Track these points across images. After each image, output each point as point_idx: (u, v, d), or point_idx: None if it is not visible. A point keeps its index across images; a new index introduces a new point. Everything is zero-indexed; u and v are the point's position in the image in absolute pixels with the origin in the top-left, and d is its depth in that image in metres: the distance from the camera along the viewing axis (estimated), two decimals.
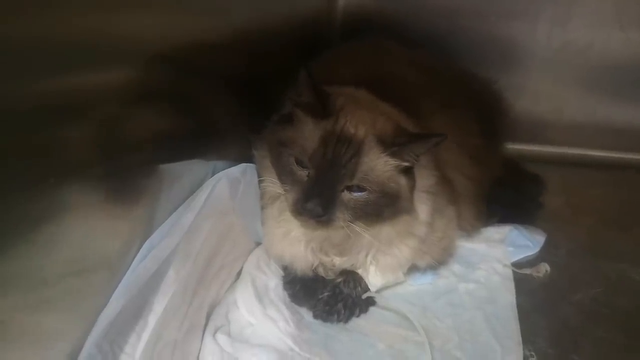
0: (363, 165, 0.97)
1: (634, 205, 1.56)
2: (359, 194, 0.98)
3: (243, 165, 1.08)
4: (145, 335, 0.83)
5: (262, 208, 1.15)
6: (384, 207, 1.01)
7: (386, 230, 1.08)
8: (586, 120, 1.76)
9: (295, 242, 1.14)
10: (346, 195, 0.98)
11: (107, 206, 0.78)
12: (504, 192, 1.45)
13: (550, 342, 1.13)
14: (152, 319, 0.84)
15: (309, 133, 0.99)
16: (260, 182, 1.12)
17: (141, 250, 0.85)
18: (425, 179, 1.10)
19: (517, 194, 1.51)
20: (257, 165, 1.13)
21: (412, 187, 1.04)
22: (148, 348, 0.83)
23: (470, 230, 1.32)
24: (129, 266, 0.83)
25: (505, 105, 1.56)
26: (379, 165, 0.99)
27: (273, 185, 1.05)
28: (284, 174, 1.01)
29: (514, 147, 1.67)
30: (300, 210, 0.97)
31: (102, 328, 0.77)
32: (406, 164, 1.01)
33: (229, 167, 1.08)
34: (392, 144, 0.98)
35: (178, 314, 0.92)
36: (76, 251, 0.73)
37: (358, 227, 1.00)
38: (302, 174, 0.99)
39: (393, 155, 0.99)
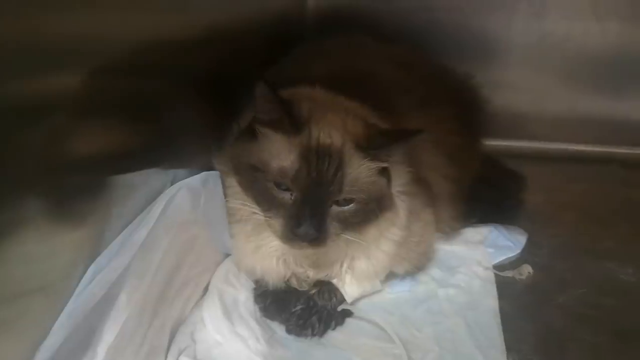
0: (348, 177, 0.93)
1: (618, 201, 1.52)
2: (348, 206, 0.94)
3: (204, 174, 1.01)
4: None
5: (230, 223, 1.09)
6: (371, 211, 0.97)
7: (371, 230, 1.04)
8: (567, 114, 1.73)
9: (267, 256, 1.08)
10: (335, 209, 0.94)
11: (46, 223, 0.70)
12: (483, 190, 1.40)
13: (536, 349, 1.07)
14: (102, 349, 0.76)
15: (282, 151, 0.93)
16: (227, 200, 1.05)
17: (87, 273, 0.77)
18: (398, 177, 1.04)
19: (497, 192, 1.46)
20: (222, 183, 1.06)
21: (389, 182, 1.01)
22: None
23: (448, 231, 1.27)
24: (73, 291, 0.76)
25: (483, 101, 1.51)
26: (362, 173, 0.95)
27: (243, 207, 1.00)
28: (264, 200, 0.95)
29: (493, 143, 1.62)
30: (292, 236, 0.92)
31: None
32: (385, 164, 0.97)
33: (189, 176, 0.99)
34: (370, 148, 0.94)
35: (134, 339, 0.85)
36: (8, 275, 0.65)
37: (349, 236, 0.97)
38: (286, 196, 0.93)
39: (373, 159, 0.95)
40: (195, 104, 1.16)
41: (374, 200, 0.97)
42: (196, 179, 0.98)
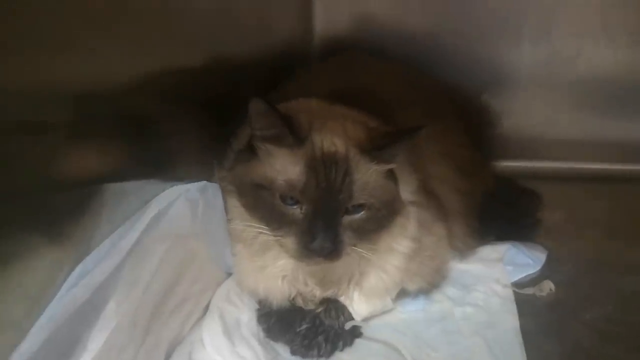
0: (357, 182, 0.89)
1: None
2: (359, 214, 0.90)
3: (203, 183, 0.97)
4: None
5: (233, 242, 1.05)
6: (384, 217, 0.94)
7: (384, 238, 1.00)
8: (581, 133, 1.68)
9: (271, 276, 1.04)
10: (347, 219, 0.90)
11: (29, 223, 0.67)
12: (498, 209, 1.35)
13: None
14: (86, 359, 0.71)
15: (287, 165, 0.90)
16: (229, 220, 1.02)
17: (71, 276, 0.73)
18: (406, 184, 1.00)
19: (513, 211, 1.40)
20: (224, 201, 1.02)
21: (397, 185, 0.97)
22: None
23: (463, 249, 1.21)
24: (55, 295, 0.71)
25: (492, 116, 1.48)
26: (370, 177, 0.91)
27: (249, 228, 0.95)
28: (273, 219, 0.91)
29: (508, 164, 1.59)
30: (307, 252, 0.88)
31: None
32: (391, 166, 0.94)
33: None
34: (374, 149, 0.90)
35: (124, 354, 0.79)
36: None
37: (363, 249, 0.93)
38: (295, 212, 0.89)
39: (379, 161, 0.91)
40: (196, 124, 1.15)
41: (384, 205, 0.93)
42: (193, 188, 0.93)
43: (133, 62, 0.93)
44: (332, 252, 0.88)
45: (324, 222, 0.87)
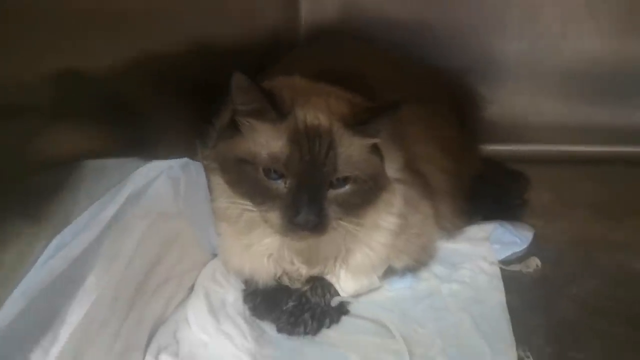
0: (341, 155, 0.89)
1: (627, 198, 1.46)
2: (344, 188, 0.90)
3: (184, 160, 0.96)
4: (55, 351, 0.68)
5: (217, 221, 1.04)
6: (369, 191, 0.93)
7: (370, 214, 0.99)
8: (567, 117, 1.69)
9: (257, 255, 1.03)
10: (332, 193, 0.89)
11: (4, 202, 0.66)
12: (486, 190, 1.36)
13: (547, 340, 0.99)
14: (65, 332, 0.70)
15: (270, 139, 0.89)
16: (213, 199, 1.01)
17: (48, 248, 0.72)
18: (391, 161, 1.00)
19: (501, 192, 1.41)
20: (208, 180, 1.02)
21: (382, 161, 0.97)
22: None
23: (450, 228, 1.21)
24: (32, 267, 0.70)
25: (478, 99, 1.48)
26: (354, 150, 0.91)
27: (233, 205, 0.95)
28: (257, 194, 0.90)
29: (496, 147, 1.59)
30: (291, 226, 0.87)
31: None
32: (375, 140, 0.93)
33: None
34: (358, 123, 0.90)
35: (105, 329, 0.78)
36: None
37: (348, 224, 0.92)
38: (280, 186, 0.88)
39: (363, 135, 0.91)
40: (179, 105, 1.14)
41: (369, 179, 0.92)
42: (176, 163, 0.93)
43: (116, 45, 0.93)
44: (317, 225, 0.87)
45: (309, 195, 0.86)
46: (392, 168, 1.01)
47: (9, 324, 0.64)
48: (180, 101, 1.15)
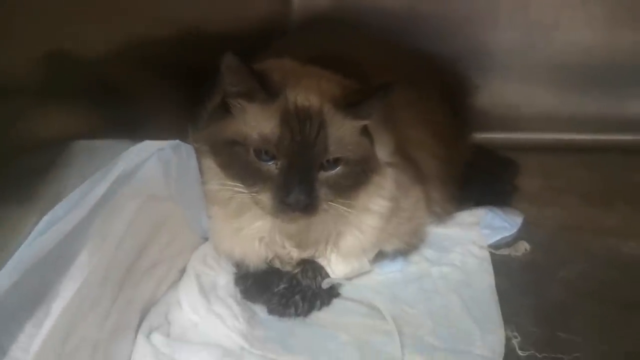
0: (332, 136, 0.89)
1: (617, 184, 1.47)
2: (335, 169, 0.91)
3: (176, 141, 0.96)
4: (48, 324, 0.69)
5: (208, 204, 1.04)
6: (360, 173, 0.94)
7: (361, 197, 0.99)
8: (558, 105, 1.69)
9: (248, 238, 1.03)
10: (323, 175, 0.90)
11: None
12: (477, 176, 1.37)
13: (535, 321, 1.01)
14: (57, 307, 0.70)
15: (260, 120, 0.89)
16: (204, 183, 1.01)
17: (40, 223, 0.72)
18: (382, 144, 1.00)
19: (491, 178, 1.42)
20: (199, 163, 1.02)
21: (372, 144, 0.97)
22: (52, 343, 0.69)
23: (441, 213, 1.22)
24: (23, 241, 0.70)
25: (469, 85, 1.48)
26: (345, 132, 0.91)
27: (224, 188, 0.95)
28: (248, 175, 0.90)
29: (487, 136, 1.59)
30: (283, 207, 0.87)
31: None
32: (365, 122, 0.94)
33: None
34: (349, 105, 0.90)
35: (97, 309, 0.79)
36: None
37: (340, 205, 0.93)
38: (270, 167, 0.88)
39: (354, 116, 0.91)
40: (170, 88, 1.15)
41: (360, 161, 0.93)
42: (167, 145, 0.93)
43: (106, 29, 0.93)
44: (308, 206, 0.88)
45: (300, 175, 0.87)
46: (383, 152, 1.02)
47: (3, 295, 0.64)
48: (171, 84, 1.15)
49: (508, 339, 0.96)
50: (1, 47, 0.72)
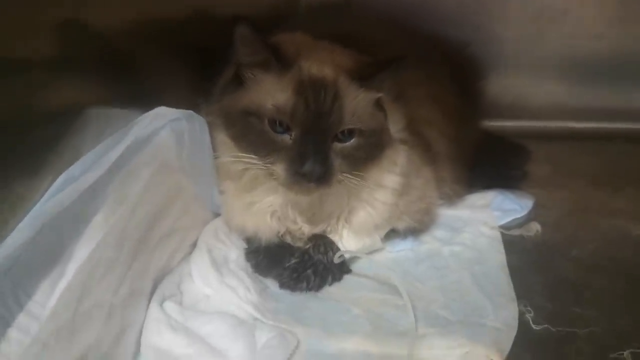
0: (347, 107, 0.89)
1: (625, 170, 1.47)
2: (350, 141, 0.90)
3: (189, 111, 0.96)
4: (62, 284, 0.69)
5: (220, 179, 1.04)
6: (373, 146, 0.93)
7: (374, 171, 0.99)
8: (567, 94, 1.69)
9: (259, 212, 1.03)
10: (337, 146, 0.90)
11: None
12: (487, 161, 1.36)
13: (548, 297, 1.01)
14: (72, 267, 0.70)
15: (275, 90, 0.89)
16: (216, 157, 1.01)
17: (56, 182, 0.72)
18: (394, 121, 1.00)
19: (502, 163, 1.42)
20: (211, 137, 1.01)
21: (386, 117, 0.97)
22: (68, 301, 0.69)
23: (451, 195, 1.22)
24: (40, 198, 0.70)
25: (478, 67, 1.48)
26: (359, 103, 0.91)
27: (237, 161, 0.94)
28: (262, 146, 0.89)
29: (497, 123, 1.59)
30: (297, 177, 0.87)
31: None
32: (379, 94, 0.94)
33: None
34: (364, 76, 0.90)
35: (111, 275, 0.79)
36: None
37: (353, 178, 0.92)
38: (285, 138, 0.88)
39: (368, 88, 0.91)
40: (183, 63, 1.15)
41: (373, 133, 0.92)
42: (181, 114, 0.93)
43: (124, 4, 0.93)
44: (322, 177, 0.87)
45: (314, 145, 0.86)
46: (395, 128, 1.02)
47: (20, 249, 0.64)
48: (183, 60, 1.15)
49: (521, 314, 0.96)
50: (14, 17, 0.72)
